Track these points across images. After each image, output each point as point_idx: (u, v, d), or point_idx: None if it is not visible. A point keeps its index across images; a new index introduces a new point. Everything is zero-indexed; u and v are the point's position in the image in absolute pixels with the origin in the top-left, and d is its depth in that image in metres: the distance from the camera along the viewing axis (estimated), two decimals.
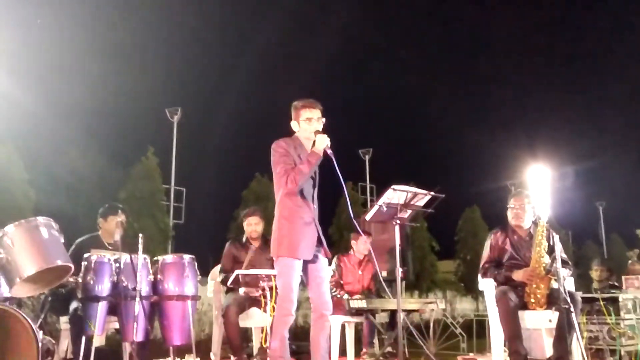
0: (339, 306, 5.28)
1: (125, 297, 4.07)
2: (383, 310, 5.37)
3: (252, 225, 5.25)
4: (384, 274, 6.92)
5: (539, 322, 4.02)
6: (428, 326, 9.85)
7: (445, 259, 17.74)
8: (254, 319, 5.05)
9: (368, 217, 3.22)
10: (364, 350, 5.52)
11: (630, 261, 9.46)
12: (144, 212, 13.48)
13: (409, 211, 3.32)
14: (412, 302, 5.32)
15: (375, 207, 3.19)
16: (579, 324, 4.78)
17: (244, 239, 5.28)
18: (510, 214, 4.43)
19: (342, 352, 5.87)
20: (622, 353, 4.62)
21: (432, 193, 3.35)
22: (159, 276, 4.40)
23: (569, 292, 3.88)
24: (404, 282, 8.90)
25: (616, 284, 7.56)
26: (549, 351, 4.04)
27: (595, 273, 6.92)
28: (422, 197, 3.31)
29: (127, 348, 4.37)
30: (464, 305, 17.36)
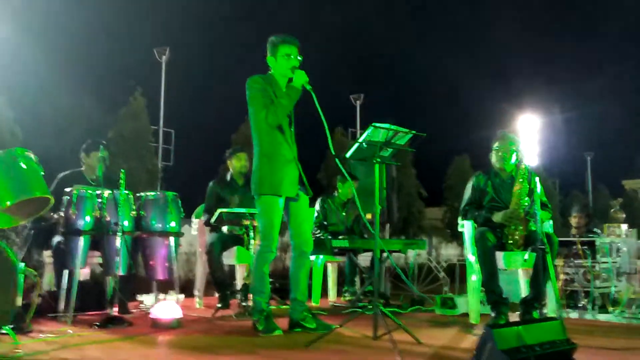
0: (322, 246, 5.35)
1: (107, 232, 4.07)
2: (365, 250, 5.43)
3: (242, 161, 5.21)
4: (369, 216, 6.97)
5: (514, 263, 4.09)
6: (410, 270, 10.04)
7: (433, 206, 17.92)
8: (238, 257, 5.11)
9: (349, 154, 3.20)
10: (346, 288, 5.62)
11: (612, 210, 9.60)
12: (132, 153, 13.41)
13: (390, 150, 3.30)
14: (394, 243, 5.38)
15: (356, 145, 3.16)
16: (555, 265, 4.88)
17: (228, 178, 5.27)
18: (494, 157, 4.41)
19: (325, 291, 6.00)
20: (596, 295, 4.72)
21: (414, 131, 3.32)
22: (141, 212, 4.41)
23: (546, 234, 3.93)
24: (387, 225, 8.99)
25: (597, 230, 7.67)
26: (526, 292, 4.13)
27: (574, 219, 6.99)
28: (404, 136, 3.29)
29: (110, 282, 4.42)
30: (449, 251, 17.65)
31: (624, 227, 8.69)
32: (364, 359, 2.88)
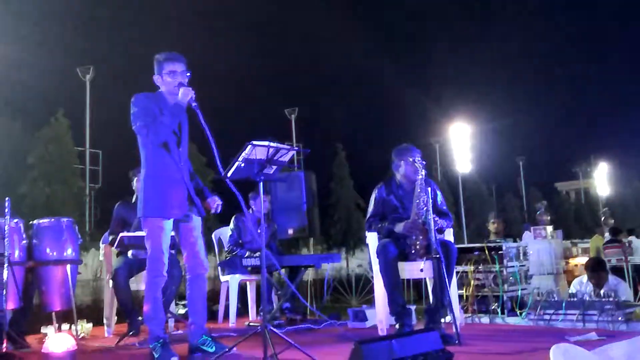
0: (235, 265, 5.29)
1: None
2: (282, 267, 5.38)
3: None
4: (291, 232, 6.95)
5: (413, 273, 4.14)
6: (351, 281, 10.09)
7: None
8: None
9: (229, 174, 3.17)
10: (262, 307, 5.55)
11: (538, 212, 9.89)
12: (55, 176, 12.96)
13: (275, 167, 3.29)
14: (308, 258, 5.36)
15: (235, 164, 3.13)
16: (466, 272, 4.98)
17: (133, 200, 5.14)
18: (405, 168, 4.41)
19: (247, 310, 5.92)
20: (505, 298, 4.84)
21: (297, 148, 3.32)
22: (34, 240, 4.24)
23: (443, 242, 4.00)
24: (311, 240, 9.05)
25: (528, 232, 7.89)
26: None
27: (492, 225, 7.17)
28: (286, 152, 3.28)
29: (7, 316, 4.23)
30: None
31: (549, 228, 8.98)
32: None
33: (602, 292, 4.93)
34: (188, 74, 3.55)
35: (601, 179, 24.09)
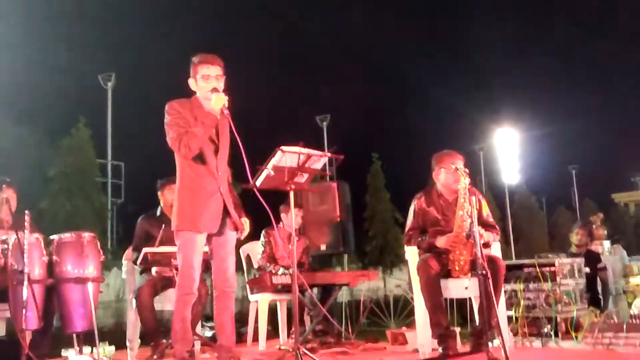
0: (263, 284, 5.30)
1: (13, 282, 3.97)
2: (312, 286, 5.37)
3: (175, 193, 5.16)
4: (323, 247, 6.94)
5: (457, 291, 4.08)
6: (389, 303, 9.99)
7: None
8: (171, 301, 5.01)
9: (258, 182, 3.17)
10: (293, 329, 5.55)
11: (594, 226, 9.62)
12: (76, 190, 13.19)
13: (306, 175, 3.29)
14: (343, 276, 5.35)
15: (265, 172, 3.14)
16: (515, 291, 4.89)
17: (158, 213, 5.21)
18: (447, 176, 4.35)
19: (277, 332, 5.92)
20: (558, 320, 4.73)
21: (329, 154, 3.31)
22: (54, 257, 4.32)
23: (490, 257, 3.94)
24: (345, 256, 9.00)
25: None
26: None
27: (575, 237, 6.95)
28: (318, 159, 3.27)
29: (26, 337, 4.30)
30: None
31: (607, 244, 8.75)
32: None
33: None
34: (224, 78, 3.58)
35: None
